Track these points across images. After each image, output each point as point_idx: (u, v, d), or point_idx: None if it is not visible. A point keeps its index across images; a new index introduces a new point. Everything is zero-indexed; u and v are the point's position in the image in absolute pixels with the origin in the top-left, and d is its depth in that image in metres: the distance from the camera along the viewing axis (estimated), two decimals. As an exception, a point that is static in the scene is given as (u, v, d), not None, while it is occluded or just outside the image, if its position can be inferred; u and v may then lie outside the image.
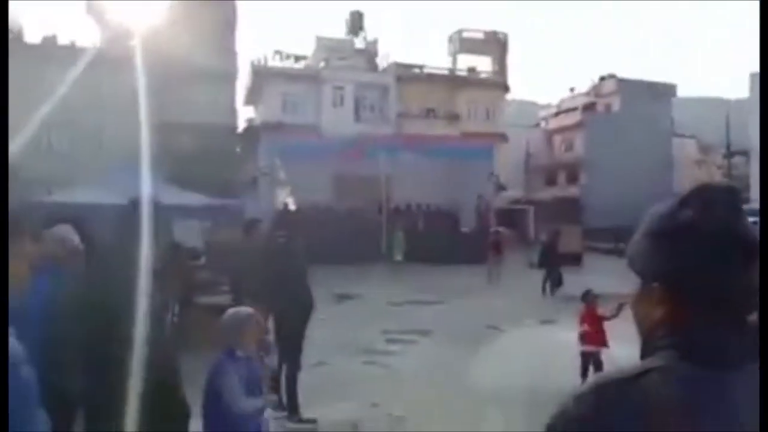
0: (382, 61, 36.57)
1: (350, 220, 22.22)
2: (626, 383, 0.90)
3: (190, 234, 9.97)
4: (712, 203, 0.95)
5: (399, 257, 19.16)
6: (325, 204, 23.39)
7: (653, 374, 0.90)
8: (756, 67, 39.32)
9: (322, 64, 34.32)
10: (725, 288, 0.92)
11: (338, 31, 38.20)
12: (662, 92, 43.47)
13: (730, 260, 0.92)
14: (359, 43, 37.29)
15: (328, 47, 35.29)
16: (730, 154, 40.17)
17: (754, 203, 33.64)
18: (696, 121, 50.58)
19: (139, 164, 8.25)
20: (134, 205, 3.29)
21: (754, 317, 0.98)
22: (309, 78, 33.19)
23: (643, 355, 0.97)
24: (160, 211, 3.81)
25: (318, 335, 6.56)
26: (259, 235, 6.15)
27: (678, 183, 41.14)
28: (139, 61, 16.11)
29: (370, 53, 36.58)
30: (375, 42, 37.34)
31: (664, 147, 40.70)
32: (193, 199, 11.61)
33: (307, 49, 36.78)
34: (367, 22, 39.16)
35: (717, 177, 45.76)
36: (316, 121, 31.71)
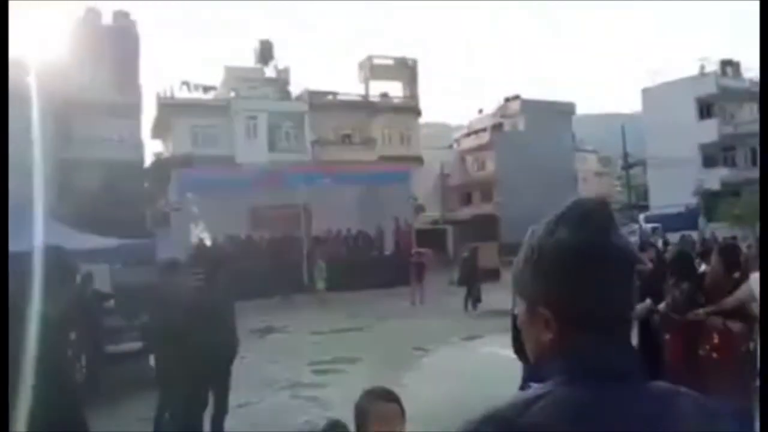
0: (294, 89, 36.56)
1: (270, 252, 21.80)
2: (516, 413, 0.88)
3: (98, 279, 9.39)
4: (585, 219, 0.93)
5: (321, 286, 18.95)
6: (242, 237, 22.83)
7: (543, 401, 0.88)
8: (647, 82, 42.59)
9: (232, 94, 33.83)
10: (607, 305, 0.91)
11: (247, 60, 37.89)
12: (563, 110, 46.02)
13: (608, 276, 0.91)
14: (270, 71, 37.12)
15: (237, 77, 34.87)
16: (628, 165, 42.96)
17: (654, 210, 36.22)
18: (595, 136, 53.87)
19: (39, 207, 7.70)
20: (34, 253, 3.07)
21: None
22: (219, 109, 32.60)
23: (536, 379, 0.95)
24: (63, 257, 3.56)
25: (242, 373, 6.32)
26: (177, 275, 5.87)
27: (582, 195, 43.50)
28: (34, 96, 15.16)
29: (281, 82, 36.48)
30: (286, 70, 37.30)
31: (567, 162, 42.99)
32: (100, 241, 10.98)
33: (216, 79, 36.21)
34: (277, 51, 39.17)
35: (617, 187, 48.85)
36: (229, 152, 31.10)
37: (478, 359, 9.50)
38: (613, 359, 0.90)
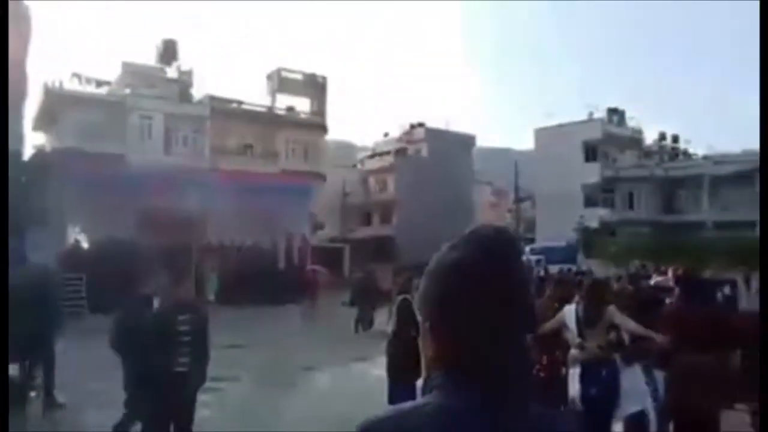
0: (197, 94, 35.27)
1: (156, 259, 20.59)
2: (393, 422, 0.93)
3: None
4: (481, 243, 0.98)
5: (211, 297, 18.15)
6: (128, 241, 21.41)
7: (424, 410, 0.93)
8: (540, 122, 45.31)
9: (127, 90, 32.04)
10: (488, 323, 0.94)
11: (149, 59, 36.14)
12: (464, 141, 47.87)
13: (491, 296, 0.95)
14: (172, 72, 35.61)
15: (135, 73, 33.12)
16: (519, 198, 45.23)
17: (541, 242, 38.33)
18: (491, 169, 56.40)
19: None
20: None
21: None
22: (112, 105, 30.71)
23: (424, 392, 0.99)
24: None
25: (109, 388, 5.81)
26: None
27: (476, 224, 45.25)
28: None
29: (183, 84, 35.06)
30: (189, 72, 35.94)
31: (465, 191, 44.61)
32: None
33: (112, 74, 34.19)
34: (182, 53, 37.67)
35: (508, 219, 51.26)
36: (120, 151, 29.30)
37: (365, 380, 9.42)
38: (492, 377, 0.93)
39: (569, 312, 4.81)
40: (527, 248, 34.69)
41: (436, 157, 43.49)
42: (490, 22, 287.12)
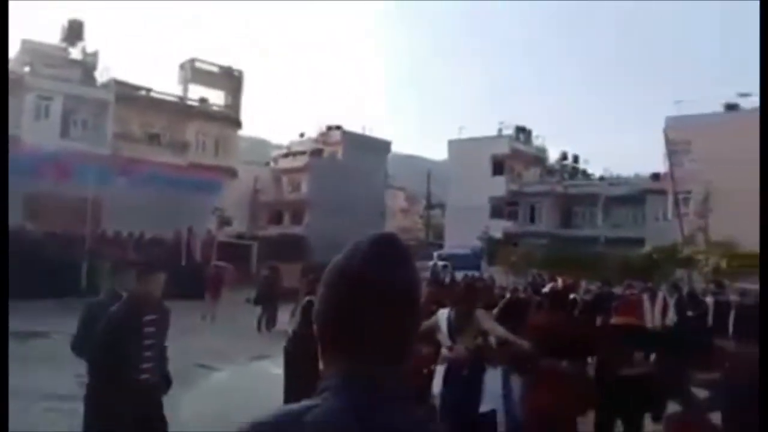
0: (101, 77, 33.34)
1: (45, 247, 19.21)
2: (284, 420, 0.95)
3: None
4: (370, 250, 1.01)
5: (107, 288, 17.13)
6: (14, 227, 19.81)
7: (311, 411, 0.94)
8: (454, 134, 46.58)
9: (26, 69, 29.78)
10: (373, 330, 0.97)
11: (52, 38, 33.76)
12: (380, 147, 48.34)
13: (376, 299, 0.98)
14: (76, 53, 33.48)
15: (35, 52, 30.85)
16: (430, 206, 46.24)
17: (448, 249, 39.38)
18: (404, 175, 57.31)
19: None
20: None
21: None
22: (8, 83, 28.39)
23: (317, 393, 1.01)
24: None
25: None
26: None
27: (389, 228, 45.86)
28: None
29: (87, 66, 33.05)
30: (95, 54, 33.94)
31: (378, 195, 45.02)
32: None
33: (10, 51, 31.61)
34: (89, 34, 35.58)
35: (419, 225, 52.30)
36: (14, 132, 27.09)
37: (263, 380, 9.26)
38: (373, 380, 0.96)
39: (442, 315, 5.02)
40: (435, 254, 35.56)
41: (351, 160, 43.61)
42: (408, 30, 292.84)
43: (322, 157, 46.53)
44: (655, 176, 37.61)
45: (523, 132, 46.56)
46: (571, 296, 13.09)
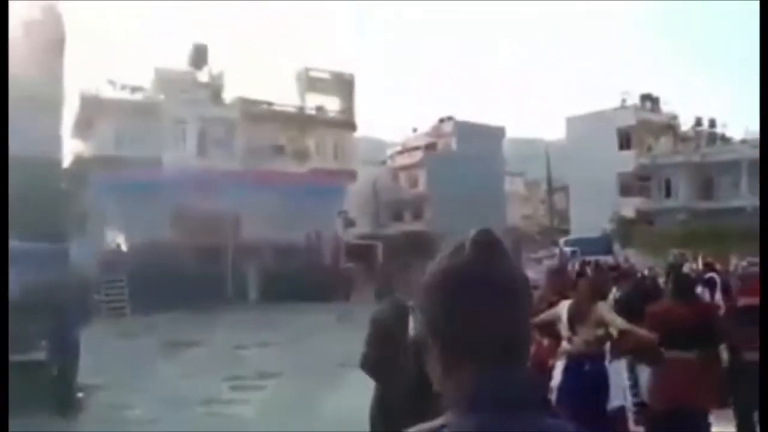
0: (228, 96, 35.82)
1: (194, 260, 21.09)
2: None
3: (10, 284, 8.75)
4: (467, 251, 0.95)
5: (253, 296, 18.48)
6: (165, 243, 21.94)
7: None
8: (570, 110, 44.62)
9: (161, 96, 32.75)
10: (491, 333, 0.91)
11: (180, 63, 36.82)
12: (493, 133, 47.45)
13: (487, 304, 0.91)
14: (203, 76, 36.23)
15: (168, 79, 33.80)
16: (551, 189, 44.66)
17: (574, 234, 37.85)
18: (522, 160, 55.76)
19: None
20: None
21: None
22: (147, 110, 31.42)
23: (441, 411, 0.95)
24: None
25: (152, 388, 6.02)
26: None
27: (510, 217, 44.94)
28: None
29: (214, 87, 35.65)
30: (220, 75, 36.51)
31: (496, 184, 44.19)
32: (12, 244, 10.23)
33: (145, 80, 34.94)
34: (212, 56, 38.32)
35: (541, 211, 50.68)
36: (155, 156, 30.00)
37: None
38: (502, 390, 0.90)
39: (563, 306, 4.96)
40: (561, 240, 34.32)
41: (465, 151, 43.22)
42: (513, 15, 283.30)
43: (436, 150, 46.57)
44: (811, 134, 33.51)
45: (649, 100, 43.47)
46: (708, 275, 12.12)
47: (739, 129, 48.08)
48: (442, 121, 48.56)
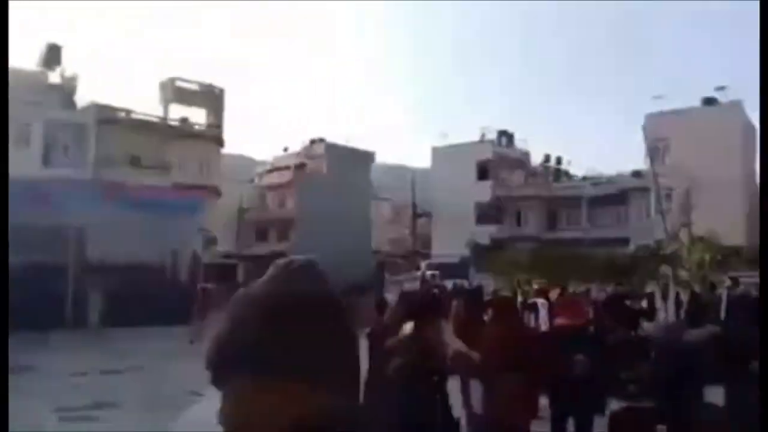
0: (81, 101, 33.20)
1: (30, 279, 18.99)
2: None
3: None
4: (269, 276, 0.94)
5: (95, 319, 17.01)
6: (-4, 259, 19.56)
7: None
8: (437, 141, 46.83)
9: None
10: (276, 359, 0.88)
11: (29, 62, 33.60)
12: (363, 158, 48.41)
13: (276, 328, 0.88)
14: (54, 77, 33.35)
15: (12, 78, 30.61)
16: (416, 215, 46.37)
17: (435, 258, 39.47)
18: (389, 186, 57.45)
19: None
20: None
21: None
22: (-16, 110, 28.19)
23: None
24: None
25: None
26: None
27: (376, 241, 45.90)
28: None
29: (66, 90, 32.92)
30: (74, 78, 33.80)
31: (364, 208, 45.06)
32: None
33: (-16, 76, 31.40)
34: (67, 58, 35.43)
35: (406, 235, 52.36)
36: (-9, 160, 26.88)
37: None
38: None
39: (407, 328, 5.16)
40: (423, 263, 35.69)
41: (335, 173, 43.65)
42: (382, 38, 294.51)
43: (306, 171, 46.53)
44: (637, 174, 38.04)
45: (505, 135, 46.91)
46: (531, 301, 13.49)
47: (581, 167, 53.26)
48: (313, 142, 48.67)
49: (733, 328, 6.46)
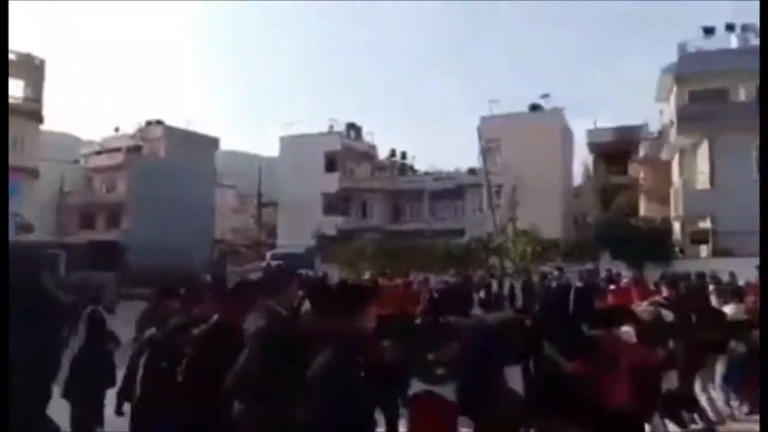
0: None
1: None
2: None
3: None
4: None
5: None
6: None
7: None
8: (285, 131, 46.07)
9: None
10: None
11: None
12: (206, 143, 46.22)
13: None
14: None
15: None
16: (261, 204, 45.37)
17: (281, 249, 38.88)
18: (234, 174, 55.57)
19: None
20: None
21: None
22: None
23: None
24: None
25: None
26: None
27: (218, 229, 44.11)
28: None
29: None
30: None
31: (207, 195, 43.00)
32: None
33: None
34: None
35: (251, 224, 51.05)
36: None
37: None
38: None
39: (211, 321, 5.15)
40: (268, 254, 34.95)
41: (175, 158, 41.14)
42: (227, 26, 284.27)
43: (141, 154, 43.29)
44: (472, 171, 40.65)
45: (353, 128, 47.54)
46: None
47: (424, 162, 55.62)
48: (150, 123, 45.42)
49: (545, 313, 6.94)
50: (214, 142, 47.96)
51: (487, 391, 3.49)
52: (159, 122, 45.27)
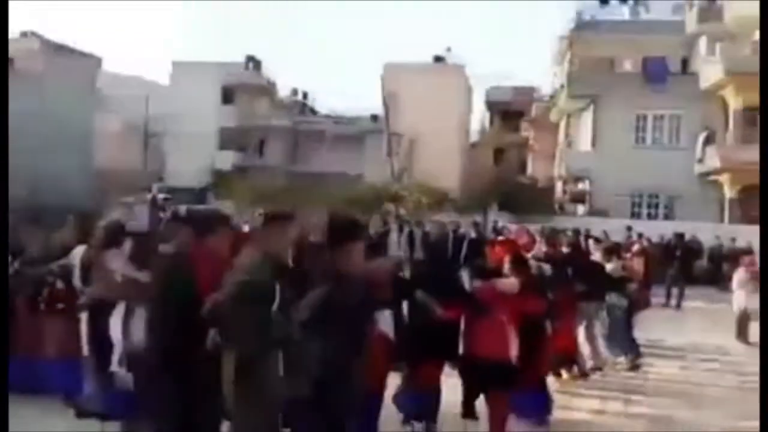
0: None
1: None
2: None
3: None
4: None
5: None
6: None
7: None
8: (179, 56, 43.23)
9: None
10: None
11: None
12: (88, 63, 42.28)
13: None
14: None
15: None
16: (148, 133, 42.81)
17: (171, 182, 37.10)
18: (120, 98, 51.55)
19: None
20: None
21: None
22: None
23: None
24: None
25: None
26: None
27: (100, 158, 41.08)
28: None
29: None
30: None
31: (86, 119, 39.57)
32: None
33: None
34: None
35: (137, 154, 48.11)
36: None
37: None
38: None
39: (76, 254, 5.21)
40: (155, 186, 33.30)
41: (53, 75, 37.33)
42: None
43: (14, 68, 38.83)
44: (374, 117, 40.69)
45: (252, 61, 45.57)
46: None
47: (325, 105, 54.36)
48: (24, 35, 40.67)
49: (425, 261, 7.09)
50: (96, 61, 43.89)
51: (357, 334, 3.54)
52: (34, 34, 40.71)
